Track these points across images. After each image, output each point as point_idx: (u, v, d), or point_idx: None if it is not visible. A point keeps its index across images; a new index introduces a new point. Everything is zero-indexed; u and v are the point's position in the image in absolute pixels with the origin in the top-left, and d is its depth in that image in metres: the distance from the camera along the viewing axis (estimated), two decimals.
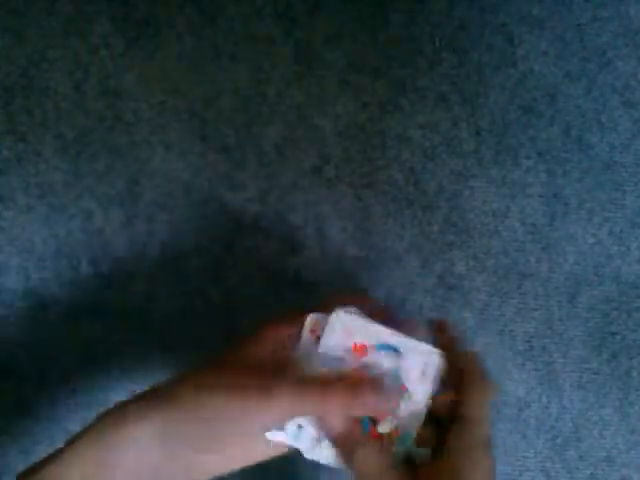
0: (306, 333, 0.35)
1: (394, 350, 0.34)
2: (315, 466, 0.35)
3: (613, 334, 0.57)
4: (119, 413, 0.32)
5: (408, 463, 0.33)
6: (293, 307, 0.36)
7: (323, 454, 0.34)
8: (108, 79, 0.55)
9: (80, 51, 0.55)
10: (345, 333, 0.34)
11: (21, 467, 0.32)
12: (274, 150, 0.56)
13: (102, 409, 0.33)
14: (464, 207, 0.56)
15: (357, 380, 0.33)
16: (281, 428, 0.33)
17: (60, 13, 0.55)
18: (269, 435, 0.33)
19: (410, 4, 0.57)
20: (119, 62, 0.55)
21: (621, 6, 0.58)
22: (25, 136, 0.55)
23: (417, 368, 0.34)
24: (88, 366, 0.54)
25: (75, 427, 0.32)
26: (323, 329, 0.35)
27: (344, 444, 0.33)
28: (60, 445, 0.32)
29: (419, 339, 0.35)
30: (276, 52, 0.56)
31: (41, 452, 0.32)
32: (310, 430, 0.34)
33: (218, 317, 0.55)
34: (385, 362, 0.34)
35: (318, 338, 0.35)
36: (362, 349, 0.34)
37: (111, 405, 0.34)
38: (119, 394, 0.54)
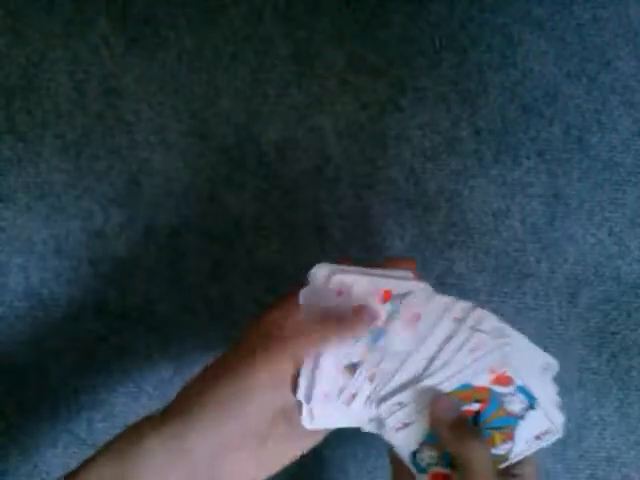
0: (305, 312, 0.34)
1: (530, 403, 0.34)
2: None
3: (613, 334, 0.57)
4: (135, 432, 0.31)
5: None
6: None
7: (408, 436, 0.34)
8: (108, 79, 0.55)
9: (80, 51, 0.55)
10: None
11: (21, 467, 0.32)
12: (274, 150, 0.56)
13: (118, 431, 0.32)
14: (464, 207, 0.56)
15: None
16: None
17: (60, 13, 0.55)
18: (306, 423, 0.33)
19: (410, 4, 0.57)
20: (119, 62, 0.55)
21: (621, 6, 0.58)
22: (25, 136, 0.55)
23: (536, 430, 0.35)
24: (89, 366, 0.54)
25: (76, 427, 0.32)
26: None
27: (448, 434, 0.33)
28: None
29: (558, 406, 0.35)
30: (276, 52, 0.56)
31: (42, 453, 0.32)
32: (408, 409, 0.34)
33: (218, 317, 0.55)
34: (516, 403, 0.34)
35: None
36: (506, 380, 0.34)
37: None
38: (120, 394, 0.55)
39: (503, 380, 0.34)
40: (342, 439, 0.57)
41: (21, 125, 0.55)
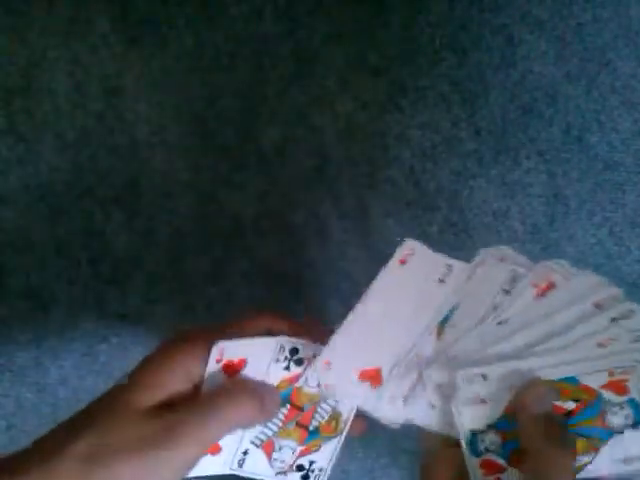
0: (212, 362, 0.31)
1: (637, 420, 0.29)
2: None
3: None
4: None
5: None
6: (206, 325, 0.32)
7: (478, 414, 0.29)
8: (108, 79, 0.55)
9: (80, 51, 0.55)
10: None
11: None
12: (274, 150, 0.56)
13: None
14: (464, 207, 0.56)
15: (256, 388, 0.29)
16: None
17: (60, 13, 0.55)
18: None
19: (410, 4, 0.57)
20: (119, 62, 0.55)
21: (621, 6, 0.58)
22: (25, 136, 0.55)
23: (629, 452, 0.29)
24: (88, 367, 0.55)
25: None
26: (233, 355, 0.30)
27: (532, 429, 0.27)
28: None
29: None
30: (276, 52, 0.56)
31: None
32: (490, 385, 0.28)
33: (218, 317, 0.55)
34: (620, 417, 0.30)
35: (229, 368, 0.31)
36: (622, 389, 0.29)
37: None
38: None
39: (618, 388, 0.29)
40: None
41: (21, 125, 0.55)
